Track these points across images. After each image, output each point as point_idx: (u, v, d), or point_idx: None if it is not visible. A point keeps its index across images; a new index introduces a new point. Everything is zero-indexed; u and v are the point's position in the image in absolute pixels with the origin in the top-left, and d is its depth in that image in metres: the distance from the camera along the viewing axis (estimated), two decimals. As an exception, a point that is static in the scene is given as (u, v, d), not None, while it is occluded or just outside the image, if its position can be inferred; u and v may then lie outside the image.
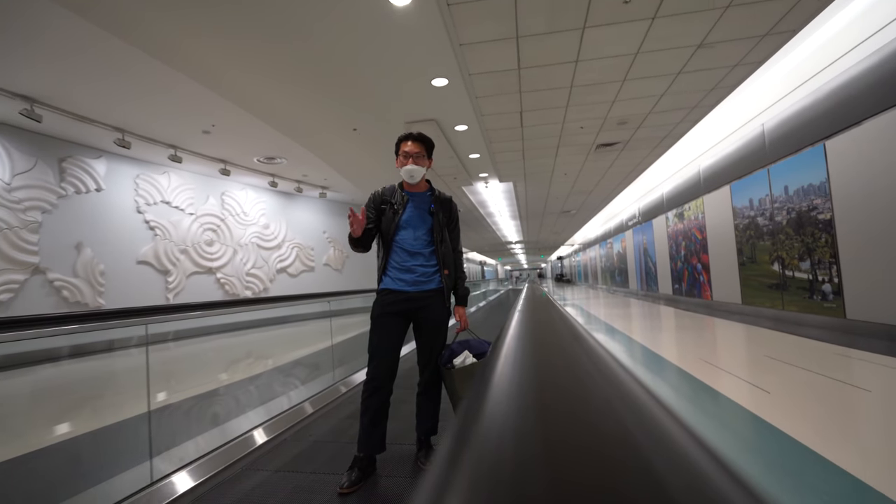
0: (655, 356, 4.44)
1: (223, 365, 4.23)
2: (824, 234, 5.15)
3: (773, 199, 6.16)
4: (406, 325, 2.16)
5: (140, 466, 2.13)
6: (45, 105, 5.65)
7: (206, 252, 9.39)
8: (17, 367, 2.17)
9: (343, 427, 2.79)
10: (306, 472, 2.16)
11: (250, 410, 2.94)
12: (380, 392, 2.06)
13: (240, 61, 4.55)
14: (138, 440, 2.23)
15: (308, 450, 2.44)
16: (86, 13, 3.73)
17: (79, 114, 6.01)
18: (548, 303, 1.86)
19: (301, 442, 2.56)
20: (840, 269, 4.93)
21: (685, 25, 4.03)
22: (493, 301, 17.28)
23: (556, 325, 0.85)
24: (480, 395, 0.34)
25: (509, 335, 0.67)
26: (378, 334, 2.10)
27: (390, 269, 2.14)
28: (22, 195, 6.33)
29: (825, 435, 2.23)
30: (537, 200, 12.92)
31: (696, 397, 2.98)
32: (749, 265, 6.91)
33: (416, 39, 4.02)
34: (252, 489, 2.00)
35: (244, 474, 2.16)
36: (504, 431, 0.27)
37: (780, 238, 6.03)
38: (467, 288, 2.32)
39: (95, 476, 2.10)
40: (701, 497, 0.19)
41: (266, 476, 2.13)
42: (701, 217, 8.57)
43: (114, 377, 2.83)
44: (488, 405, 0.32)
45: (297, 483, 2.03)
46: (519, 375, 0.41)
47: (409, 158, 2.13)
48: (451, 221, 2.27)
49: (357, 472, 2.00)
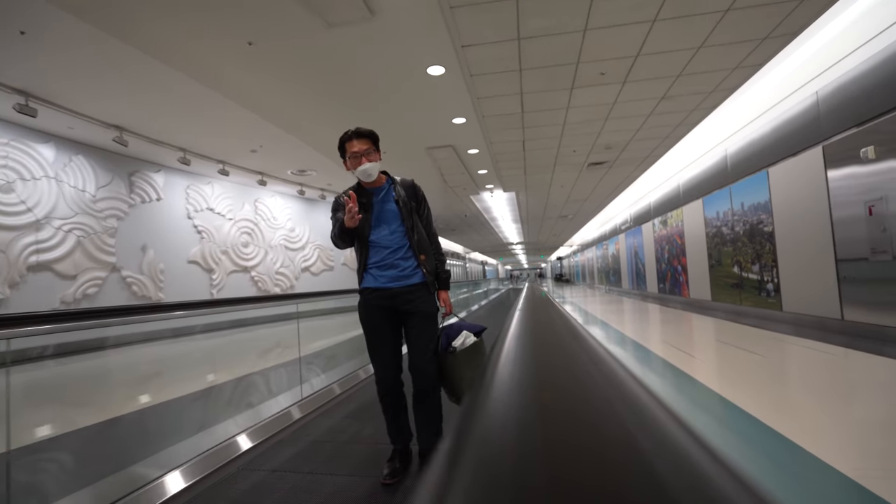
0: (630, 339, 5.64)
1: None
2: (768, 243, 6.35)
3: (733, 212, 7.36)
4: (397, 321, 2.09)
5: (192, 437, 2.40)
6: (132, 132, 6.85)
7: (243, 253, 10.60)
8: (98, 351, 2.49)
9: (341, 427, 2.76)
10: (303, 472, 2.12)
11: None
12: (390, 393, 2.07)
13: (296, 100, 5.74)
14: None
15: (305, 449, 2.41)
16: (168, 59, 4.92)
17: (156, 138, 7.23)
18: (547, 303, 1.94)
19: (298, 441, 2.53)
20: (779, 272, 6.14)
21: (649, 86, 5.25)
22: (494, 301, 17.86)
23: (556, 326, 0.82)
24: (482, 393, 0.34)
25: (510, 335, 0.66)
26: (372, 338, 2.08)
27: (371, 266, 2.08)
28: (103, 205, 7.54)
29: (722, 382, 3.44)
30: (537, 207, 14.13)
31: (650, 364, 4.18)
32: (717, 267, 8.11)
33: (445, 95, 5.23)
34: (248, 489, 1.96)
35: (240, 474, 2.13)
36: (505, 429, 0.27)
37: (738, 245, 7.24)
38: (448, 271, 2.24)
39: (164, 441, 2.34)
40: (700, 495, 0.19)
41: (263, 476, 2.10)
42: (680, 225, 9.76)
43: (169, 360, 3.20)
44: (490, 403, 0.32)
45: (293, 483, 2.00)
46: (519, 375, 0.41)
47: (360, 158, 2.04)
48: (420, 205, 2.19)
49: (398, 463, 2.01)
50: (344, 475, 2.08)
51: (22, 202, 6.34)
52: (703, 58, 4.76)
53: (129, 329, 2.39)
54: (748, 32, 4.37)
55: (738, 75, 5.27)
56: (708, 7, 3.89)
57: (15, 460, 1.73)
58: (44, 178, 6.64)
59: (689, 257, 9.39)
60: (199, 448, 2.29)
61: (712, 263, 8.29)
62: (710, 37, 4.36)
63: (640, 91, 5.33)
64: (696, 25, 4.16)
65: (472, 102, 5.48)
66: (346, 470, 2.14)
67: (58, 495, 1.82)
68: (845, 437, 2.29)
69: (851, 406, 2.87)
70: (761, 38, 4.51)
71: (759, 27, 4.30)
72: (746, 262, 7.03)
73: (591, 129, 6.67)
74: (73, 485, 1.89)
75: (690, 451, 0.22)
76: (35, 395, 2.38)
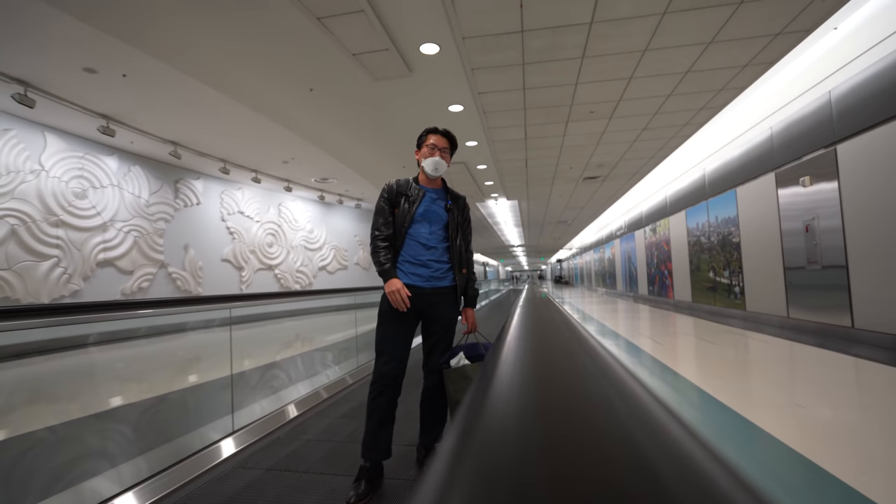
0: (613, 332, 6.65)
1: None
2: (735, 252, 7.36)
3: (710, 224, 8.37)
4: (417, 320, 2.06)
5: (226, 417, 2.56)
6: (185, 147, 7.87)
7: (268, 252, 11.61)
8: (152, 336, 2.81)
9: (336, 425, 2.76)
10: (299, 471, 2.10)
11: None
12: (388, 392, 1.95)
13: (345, 131, 6.76)
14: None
15: (301, 448, 2.39)
16: (238, 96, 5.94)
17: (202, 151, 8.25)
18: (548, 303, 1.90)
19: (294, 440, 2.50)
20: (744, 277, 7.14)
21: (632, 121, 6.29)
22: (495, 301, 18.32)
23: (556, 325, 0.83)
24: (482, 391, 0.34)
25: (510, 335, 0.67)
26: (386, 327, 2.00)
27: (403, 262, 2.04)
28: (154, 210, 8.56)
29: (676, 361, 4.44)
30: (538, 213, 15.15)
31: (628, 349, 5.18)
32: (696, 272, 9.12)
33: (462, 125, 6.25)
34: (242, 489, 1.94)
35: (234, 473, 2.10)
36: (506, 428, 0.27)
37: (713, 253, 8.24)
38: (477, 289, 2.24)
39: (203, 418, 2.58)
40: (700, 493, 0.19)
41: (258, 475, 2.07)
42: (667, 233, 10.77)
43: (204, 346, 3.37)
44: (490, 402, 0.32)
45: (289, 483, 1.99)
46: (520, 374, 0.42)
47: (435, 150, 2.07)
48: (465, 220, 2.22)
49: (365, 485, 1.84)
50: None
51: (93, 207, 7.36)
52: (672, 102, 5.80)
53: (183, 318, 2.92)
54: (711, 84, 5.39)
55: (703, 114, 6.32)
56: (675, 69, 4.93)
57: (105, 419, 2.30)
58: (109, 186, 7.66)
59: (674, 262, 10.39)
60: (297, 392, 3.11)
61: (693, 269, 9.30)
62: (677, 88, 5.40)
63: (624, 124, 6.36)
64: (665, 81, 5.22)
65: (483, 130, 6.50)
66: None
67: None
68: (746, 392, 3.29)
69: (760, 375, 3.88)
70: (718, 90, 5.55)
71: (720, 80, 5.32)
72: (719, 267, 8.04)
73: (584, 152, 7.69)
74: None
75: (689, 449, 0.23)
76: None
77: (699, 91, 5.51)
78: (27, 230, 6.37)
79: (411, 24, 3.97)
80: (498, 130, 6.57)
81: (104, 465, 2.06)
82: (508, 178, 9.68)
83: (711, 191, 8.21)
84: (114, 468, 2.04)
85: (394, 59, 4.41)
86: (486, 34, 4.10)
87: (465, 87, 5.09)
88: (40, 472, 1.98)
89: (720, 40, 4.34)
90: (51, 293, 6.63)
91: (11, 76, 5.18)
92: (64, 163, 6.92)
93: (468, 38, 4.12)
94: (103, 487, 1.88)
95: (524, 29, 3.98)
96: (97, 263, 7.39)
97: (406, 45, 4.31)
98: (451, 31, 3.97)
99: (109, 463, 2.09)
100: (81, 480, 1.92)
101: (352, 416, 2.97)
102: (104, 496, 1.81)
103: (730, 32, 4.21)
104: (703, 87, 5.39)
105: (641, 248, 13.08)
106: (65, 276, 6.86)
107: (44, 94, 5.47)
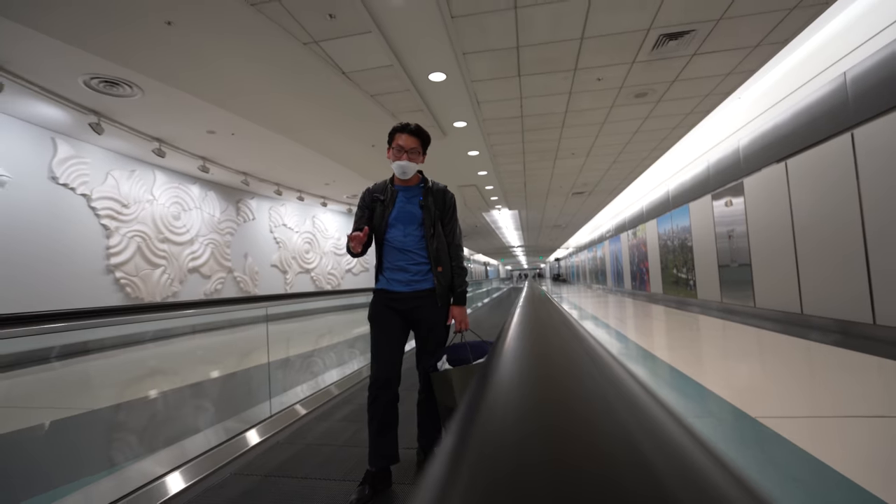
0: (594, 316, 8.67)
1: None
2: (690, 254, 9.38)
3: (673, 230, 10.39)
4: (405, 324, 2.05)
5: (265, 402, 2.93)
6: (253, 177, 9.88)
7: (305, 258, 13.60)
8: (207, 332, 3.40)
9: (336, 429, 2.75)
10: (298, 477, 2.09)
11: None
12: (383, 395, 1.95)
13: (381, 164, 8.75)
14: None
15: (301, 453, 2.39)
16: (307, 143, 7.95)
17: (265, 178, 10.26)
18: (547, 302, 1.96)
19: (293, 445, 2.50)
20: (695, 273, 9.16)
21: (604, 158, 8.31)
22: (495, 299, 18.85)
23: (556, 324, 0.85)
24: (482, 390, 0.35)
25: (510, 335, 0.69)
26: (377, 334, 2.01)
27: (385, 269, 2.05)
28: (223, 226, 10.55)
29: (636, 334, 6.44)
30: (535, 219, 17.18)
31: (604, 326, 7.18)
32: (665, 270, 11.14)
33: (476, 162, 8.26)
34: (240, 495, 1.93)
35: (232, 479, 2.08)
36: (505, 427, 0.27)
37: (676, 254, 10.26)
38: (466, 284, 2.13)
39: (244, 402, 3.06)
40: (700, 492, 0.19)
41: (256, 481, 2.06)
42: (644, 236, 12.78)
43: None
44: (490, 400, 0.32)
45: (290, 489, 1.97)
46: (519, 374, 0.42)
47: (402, 153, 2.02)
48: (447, 213, 2.11)
49: (368, 489, 1.82)
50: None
51: (184, 225, 9.36)
52: (634, 143, 7.86)
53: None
54: (656, 135, 7.43)
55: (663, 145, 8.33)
56: (628, 129, 6.98)
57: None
58: (194, 208, 9.66)
59: (649, 261, 12.41)
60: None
61: (662, 267, 11.32)
62: (632, 139, 7.47)
63: (599, 160, 8.45)
64: (622, 136, 7.28)
65: (492, 164, 8.52)
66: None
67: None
68: (668, 347, 5.29)
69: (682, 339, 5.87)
70: (671, 128, 7.57)
71: (663, 132, 7.34)
72: (680, 266, 10.06)
73: (571, 176, 9.73)
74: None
75: (689, 449, 0.23)
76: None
77: (647, 140, 7.58)
78: (146, 245, 8.36)
79: (447, 107, 5.98)
80: (503, 165, 8.59)
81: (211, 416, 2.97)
82: (510, 194, 11.71)
83: (674, 203, 10.23)
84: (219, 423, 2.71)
85: (432, 128, 6.43)
86: (498, 117, 6.18)
87: (482, 145, 7.17)
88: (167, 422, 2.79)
89: (654, 116, 6.42)
90: (162, 293, 8.64)
91: (152, 136, 7.18)
92: (167, 192, 8.91)
93: (487, 119, 6.20)
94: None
95: (524, 114, 6.07)
96: (188, 270, 9.39)
97: (442, 118, 6.33)
98: (474, 114, 6.01)
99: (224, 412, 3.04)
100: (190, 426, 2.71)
101: (352, 419, 2.99)
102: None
103: (661, 110, 6.28)
104: (650, 137, 7.45)
105: (626, 249, 15.04)
106: (168, 281, 8.85)
107: (174, 148, 7.48)
